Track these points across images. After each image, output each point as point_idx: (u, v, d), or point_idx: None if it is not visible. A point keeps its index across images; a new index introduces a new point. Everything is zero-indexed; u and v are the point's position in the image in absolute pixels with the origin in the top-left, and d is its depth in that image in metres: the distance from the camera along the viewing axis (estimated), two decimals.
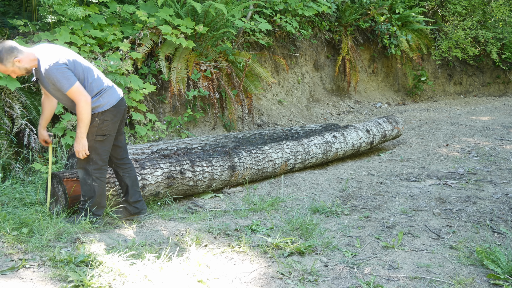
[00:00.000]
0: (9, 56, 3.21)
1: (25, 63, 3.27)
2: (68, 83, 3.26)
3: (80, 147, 3.39)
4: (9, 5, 6.57)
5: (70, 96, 3.32)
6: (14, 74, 3.31)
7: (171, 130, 6.17)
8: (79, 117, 3.35)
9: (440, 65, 11.87)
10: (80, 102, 3.31)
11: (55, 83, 3.28)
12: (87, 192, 3.54)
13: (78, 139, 3.38)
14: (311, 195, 4.70)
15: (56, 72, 3.24)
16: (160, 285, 2.77)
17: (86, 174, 3.51)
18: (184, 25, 6.05)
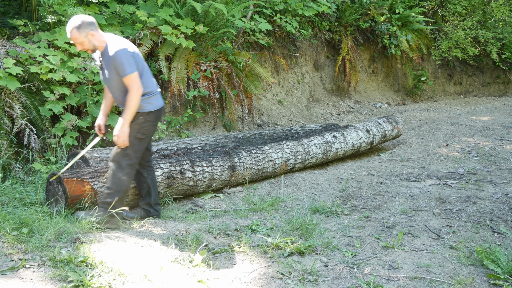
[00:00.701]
0: (87, 27, 3.44)
1: (95, 40, 3.49)
2: (130, 69, 3.47)
3: (121, 133, 3.51)
4: (9, 5, 6.57)
5: (126, 82, 3.49)
6: (81, 45, 3.49)
7: (171, 130, 6.17)
8: (128, 104, 3.50)
9: (440, 65, 11.87)
10: (133, 90, 3.49)
11: (117, 66, 3.47)
12: (115, 185, 3.59)
13: (122, 125, 3.51)
14: (311, 195, 4.70)
15: (122, 55, 3.46)
16: (160, 285, 2.77)
17: (119, 167, 3.60)
18: (184, 25, 6.05)
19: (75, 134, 4.89)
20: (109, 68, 3.54)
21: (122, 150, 3.60)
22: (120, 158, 3.60)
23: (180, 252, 3.22)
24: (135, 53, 3.56)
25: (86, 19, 3.47)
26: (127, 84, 3.51)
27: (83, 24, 3.43)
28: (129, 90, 3.50)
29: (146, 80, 3.64)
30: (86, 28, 3.44)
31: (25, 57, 4.95)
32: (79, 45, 3.50)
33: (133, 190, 3.97)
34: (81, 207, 3.73)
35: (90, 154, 4.22)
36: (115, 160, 3.62)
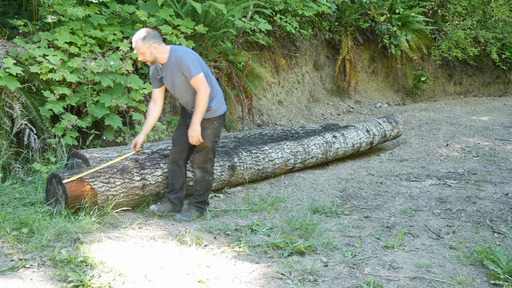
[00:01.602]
0: (151, 40, 3.67)
1: (157, 52, 3.71)
2: (196, 71, 3.70)
3: (194, 132, 3.75)
4: (9, 5, 6.58)
5: (194, 83, 3.72)
6: (143, 56, 3.71)
7: (171, 130, 6.16)
8: (198, 104, 3.73)
9: (440, 65, 11.87)
10: (201, 90, 3.71)
11: (184, 69, 3.70)
12: (203, 187, 3.97)
13: (194, 125, 3.75)
14: (311, 195, 4.70)
15: (189, 58, 3.71)
16: (160, 285, 2.77)
17: (204, 172, 3.95)
18: (184, 25, 6.05)
19: (75, 134, 4.89)
20: (176, 74, 3.75)
21: (205, 156, 3.91)
22: (205, 164, 3.94)
23: (180, 252, 3.22)
24: (198, 57, 3.82)
25: (152, 32, 3.70)
26: (194, 85, 3.73)
27: (148, 35, 3.67)
28: (197, 90, 3.72)
29: (212, 85, 3.86)
30: (150, 40, 3.66)
31: (25, 57, 4.95)
32: (141, 55, 3.71)
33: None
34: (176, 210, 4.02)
35: (90, 154, 4.22)
36: (200, 166, 3.93)
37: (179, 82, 3.78)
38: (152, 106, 3.97)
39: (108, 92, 5.20)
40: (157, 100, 3.96)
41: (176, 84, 3.80)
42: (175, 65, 3.72)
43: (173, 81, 3.80)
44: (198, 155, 3.92)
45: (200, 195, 3.99)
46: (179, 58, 3.71)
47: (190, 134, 3.77)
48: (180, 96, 3.88)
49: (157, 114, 3.97)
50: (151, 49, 3.68)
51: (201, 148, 3.90)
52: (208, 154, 3.92)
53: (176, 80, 3.78)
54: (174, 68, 3.74)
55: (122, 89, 5.34)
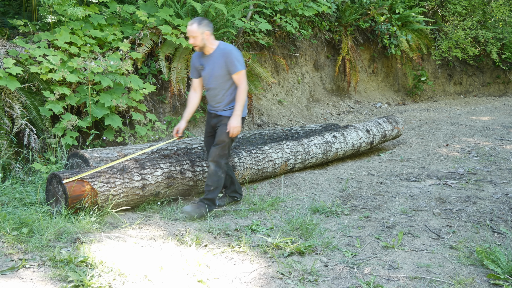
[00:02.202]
0: (205, 26, 3.96)
1: (207, 40, 3.98)
2: (241, 66, 4.00)
3: (235, 123, 4.00)
4: (9, 5, 6.58)
5: (236, 78, 4.00)
6: (194, 40, 3.96)
7: (171, 130, 6.17)
8: (239, 97, 4.01)
9: (440, 65, 11.87)
10: (242, 85, 4.02)
11: (229, 62, 3.97)
12: (214, 183, 4.07)
13: (236, 116, 4.01)
14: (311, 195, 4.70)
15: (236, 53, 4.01)
16: (160, 285, 2.77)
17: (218, 166, 4.08)
18: (184, 25, 6.05)
19: (75, 134, 4.89)
20: (219, 66, 4.01)
21: (221, 150, 4.06)
22: (220, 158, 4.08)
23: (180, 252, 3.22)
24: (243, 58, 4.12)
25: (207, 21, 4.01)
26: (237, 79, 4.01)
27: (204, 22, 3.96)
28: (239, 85, 4.02)
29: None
30: (204, 27, 3.95)
31: (25, 57, 4.95)
32: (192, 39, 3.96)
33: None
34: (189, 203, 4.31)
35: (90, 154, 4.22)
36: (215, 160, 4.07)
37: (218, 73, 4.02)
38: (192, 94, 4.27)
39: (108, 92, 5.20)
40: (196, 89, 4.26)
41: (215, 75, 4.04)
42: (221, 57, 3.99)
43: (212, 71, 4.04)
44: (215, 149, 4.08)
45: (210, 191, 4.07)
46: (227, 51, 3.99)
47: (232, 125, 4.00)
48: (212, 87, 4.09)
49: (197, 101, 4.27)
50: (203, 35, 3.94)
51: (219, 142, 4.08)
52: (225, 149, 4.09)
53: (216, 71, 4.02)
54: (218, 59, 4.00)
55: (122, 89, 5.34)
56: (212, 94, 4.14)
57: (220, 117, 4.14)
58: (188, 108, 4.26)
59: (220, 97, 4.10)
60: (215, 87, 4.08)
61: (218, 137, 4.08)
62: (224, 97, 4.09)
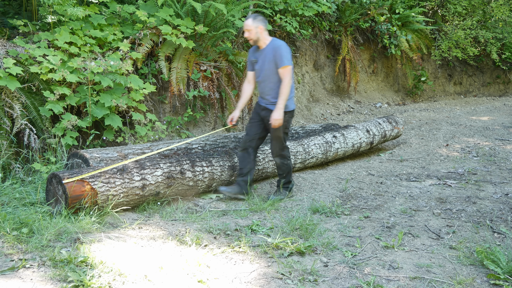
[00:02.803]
0: (260, 22, 4.28)
1: (261, 34, 4.30)
2: (288, 61, 4.24)
3: (277, 115, 4.23)
4: (9, 5, 6.58)
5: (282, 72, 4.25)
6: (249, 33, 4.29)
7: (171, 130, 6.16)
8: (282, 91, 4.24)
9: (440, 65, 11.87)
10: (286, 79, 4.24)
11: (278, 57, 4.24)
12: (284, 170, 4.54)
13: (278, 109, 4.24)
14: (311, 195, 4.70)
15: (285, 49, 4.27)
16: (160, 285, 2.77)
17: (282, 158, 4.50)
18: (184, 25, 6.05)
19: (75, 134, 4.89)
20: (269, 60, 4.29)
21: (280, 144, 4.43)
22: (281, 151, 4.48)
23: (180, 252, 3.22)
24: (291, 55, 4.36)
25: (262, 17, 4.33)
26: (282, 73, 4.24)
27: (258, 17, 4.30)
28: (283, 79, 4.24)
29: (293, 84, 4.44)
30: (259, 22, 4.27)
31: (25, 57, 4.95)
32: (247, 32, 4.29)
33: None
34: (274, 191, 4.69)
35: (90, 154, 4.22)
36: (278, 154, 4.48)
37: (267, 67, 4.31)
38: (246, 85, 4.59)
39: (108, 92, 5.20)
40: (250, 81, 4.57)
41: (265, 68, 4.33)
42: (272, 51, 4.28)
43: (263, 65, 4.34)
44: (274, 145, 4.46)
45: (284, 177, 4.57)
46: (277, 46, 4.27)
47: (274, 117, 4.24)
48: (262, 80, 4.40)
49: (251, 92, 4.60)
50: (258, 29, 4.26)
51: (274, 138, 4.42)
52: (282, 142, 4.44)
53: (266, 65, 4.31)
54: (269, 54, 4.29)
55: (122, 89, 5.34)
56: (262, 86, 4.43)
57: (269, 111, 4.39)
58: (242, 98, 4.59)
59: (269, 90, 4.37)
60: (264, 80, 4.37)
61: (273, 133, 4.41)
62: (272, 90, 4.34)
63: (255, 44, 4.38)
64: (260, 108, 4.52)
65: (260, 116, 4.50)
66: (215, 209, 4.25)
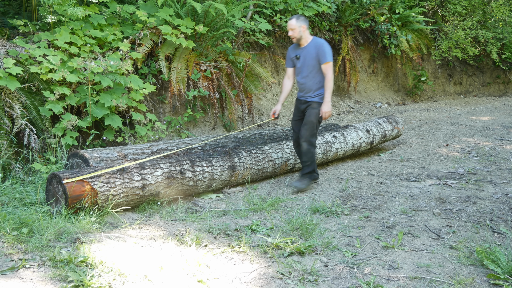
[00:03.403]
0: (303, 22, 4.66)
1: (303, 33, 4.67)
2: (330, 58, 4.64)
3: (327, 108, 4.67)
4: (9, 5, 6.58)
5: (325, 67, 4.64)
6: (292, 32, 4.66)
7: (171, 130, 6.17)
8: (328, 85, 4.66)
9: (440, 65, 11.87)
10: (329, 75, 4.65)
11: (321, 53, 4.62)
12: (310, 158, 4.78)
13: (326, 102, 4.66)
14: (311, 195, 4.70)
15: (327, 47, 4.65)
16: (160, 285, 2.77)
17: (310, 145, 4.77)
18: (184, 25, 6.05)
19: (75, 134, 4.89)
20: (311, 57, 4.68)
21: (311, 130, 4.72)
22: (310, 137, 4.75)
23: (180, 252, 3.22)
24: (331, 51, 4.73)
25: (305, 18, 4.72)
26: (325, 69, 4.64)
27: (302, 18, 4.68)
28: (326, 74, 4.65)
29: None
30: (302, 22, 4.65)
31: (25, 57, 4.95)
32: (291, 31, 4.66)
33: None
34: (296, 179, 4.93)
35: (90, 154, 4.22)
36: (307, 140, 4.74)
37: (310, 63, 4.69)
38: (286, 81, 4.98)
39: (108, 92, 5.20)
40: (290, 77, 4.96)
41: (307, 64, 4.71)
42: (314, 49, 4.65)
43: (305, 61, 4.71)
44: (305, 130, 4.74)
45: (308, 165, 4.79)
46: (319, 44, 4.65)
47: (324, 110, 4.67)
48: (303, 76, 4.76)
49: (290, 87, 5.00)
50: (301, 28, 4.63)
51: (307, 123, 4.73)
52: (313, 129, 4.74)
53: (309, 61, 4.69)
54: (311, 51, 4.67)
55: (122, 89, 5.34)
56: (302, 82, 4.79)
57: (309, 102, 4.80)
58: (283, 93, 4.99)
59: (310, 85, 4.74)
60: (306, 75, 4.73)
61: (307, 118, 4.73)
62: (313, 85, 4.74)
63: (297, 42, 4.72)
64: (300, 103, 4.90)
65: (301, 110, 4.89)
66: (215, 209, 4.25)
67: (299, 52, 4.76)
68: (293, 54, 4.82)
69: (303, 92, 4.83)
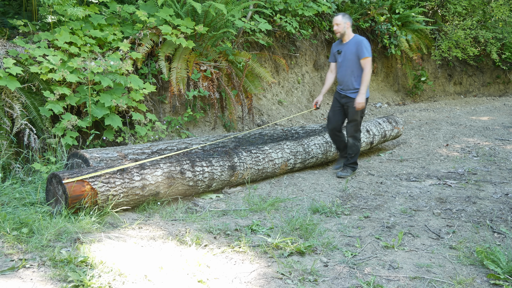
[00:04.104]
0: (348, 19, 5.11)
1: (347, 29, 5.10)
2: (368, 54, 5.02)
3: (360, 100, 5.02)
4: (9, 5, 6.58)
5: (363, 62, 5.02)
6: (337, 27, 5.09)
7: (171, 130, 6.17)
8: (364, 78, 5.03)
9: (440, 65, 11.87)
10: (367, 69, 5.03)
11: (360, 49, 5.01)
12: (354, 151, 5.31)
13: (361, 95, 5.03)
14: (311, 195, 4.70)
15: (366, 43, 5.05)
16: (160, 285, 2.77)
17: (355, 139, 5.28)
18: (184, 25, 6.05)
19: (75, 134, 4.89)
20: (351, 52, 5.07)
21: (355, 127, 5.20)
22: (355, 132, 5.25)
23: (180, 252, 3.22)
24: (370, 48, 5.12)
25: (349, 15, 5.18)
26: (363, 64, 5.01)
27: (347, 15, 5.11)
28: (364, 69, 5.01)
29: None
30: (347, 19, 5.08)
31: (25, 57, 4.95)
32: (336, 26, 5.09)
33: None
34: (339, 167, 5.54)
35: (90, 154, 4.22)
36: (352, 135, 5.25)
37: (349, 58, 5.09)
38: (329, 74, 5.44)
39: (108, 92, 5.20)
40: (332, 70, 5.42)
41: (347, 59, 5.10)
42: (354, 45, 5.05)
43: (345, 56, 5.11)
44: (350, 126, 5.22)
45: (352, 157, 5.32)
46: (359, 41, 5.04)
47: (357, 101, 5.04)
48: (343, 70, 5.16)
49: (332, 80, 5.45)
50: (345, 25, 5.06)
51: (351, 121, 5.19)
52: (357, 125, 5.20)
53: (348, 56, 5.09)
54: (352, 47, 5.07)
55: (122, 89, 5.34)
56: (341, 76, 5.18)
57: (348, 98, 5.16)
58: (325, 85, 5.47)
59: (349, 79, 5.11)
60: (346, 70, 5.11)
61: (351, 117, 5.17)
62: (352, 79, 5.10)
63: (341, 38, 5.15)
64: (340, 97, 5.28)
65: (340, 103, 5.29)
66: (215, 209, 4.25)
67: (341, 47, 5.17)
68: (336, 49, 5.25)
69: (342, 85, 5.22)
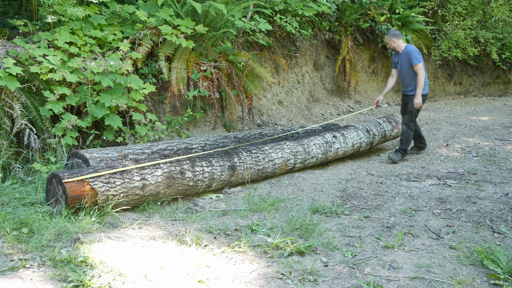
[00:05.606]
0: (392, 36, 6.09)
1: (395, 44, 6.09)
2: (417, 61, 5.92)
3: (417, 100, 5.93)
4: (9, 5, 6.58)
5: (415, 68, 5.91)
6: (388, 45, 6.16)
7: (171, 130, 6.17)
8: (419, 82, 5.91)
9: (440, 65, 11.86)
10: (419, 73, 5.92)
11: (411, 58, 5.92)
12: (406, 138, 6.08)
13: (417, 95, 5.92)
14: (311, 195, 4.70)
15: (415, 52, 5.97)
16: (160, 285, 2.77)
17: (408, 127, 6.09)
18: (184, 25, 6.05)
19: (75, 134, 4.89)
20: (405, 61, 6.01)
21: (410, 117, 6.05)
22: (409, 122, 6.08)
23: (180, 252, 3.22)
24: (420, 54, 5.99)
25: (395, 32, 6.09)
26: (416, 69, 5.91)
27: (390, 33, 6.09)
28: (418, 73, 5.91)
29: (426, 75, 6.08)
30: (391, 36, 6.07)
31: (25, 57, 4.95)
32: (387, 44, 6.19)
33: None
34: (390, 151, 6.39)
35: (90, 154, 4.22)
36: (406, 123, 6.10)
37: (404, 66, 6.04)
38: (390, 79, 6.41)
39: (108, 92, 5.20)
40: (394, 76, 6.37)
41: (403, 66, 6.06)
42: (406, 55, 5.99)
43: (401, 64, 6.08)
44: (405, 116, 6.12)
45: (403, 143, 6.08)
46: (409, 51, 5.96)
47: (415, 101, 5.95)
48: (401, 75, 6.13)
49: (393, 84, 6.42)
50: (391, 41, 6.08)
51: (408, 112, 6.07)
52: (412, 116, 6.06)
53: (404, 64, 6.04)
54: (404, 56, 6.03)
55: (122, 89, 5.34)
56: (402, 80, 6.14)
57: (407, 95, 6.13)
58: (386, 87, 6.44)
59: (407, 82, 6.07)
60: (404, 75, 6.08)
61: (408, 108, 6.05)
62: (410, 82, 6.03)
63: (394, 50, 6.16)
64: (404, 96, 6.22)
65: (404, 101, 6.20)
66: (215, 209, 4.25)
67: (397, 57, 6.17)
68: (394, 59, 6.22)
69: (403, 87, 6.17)
